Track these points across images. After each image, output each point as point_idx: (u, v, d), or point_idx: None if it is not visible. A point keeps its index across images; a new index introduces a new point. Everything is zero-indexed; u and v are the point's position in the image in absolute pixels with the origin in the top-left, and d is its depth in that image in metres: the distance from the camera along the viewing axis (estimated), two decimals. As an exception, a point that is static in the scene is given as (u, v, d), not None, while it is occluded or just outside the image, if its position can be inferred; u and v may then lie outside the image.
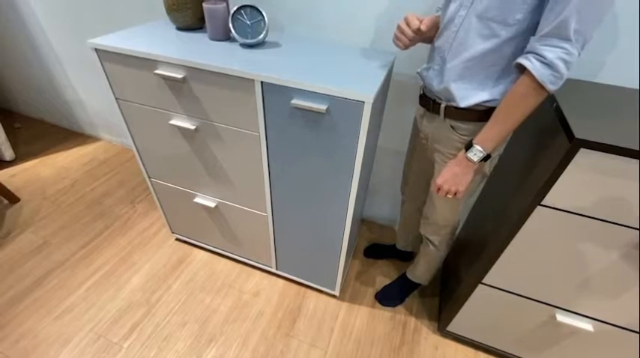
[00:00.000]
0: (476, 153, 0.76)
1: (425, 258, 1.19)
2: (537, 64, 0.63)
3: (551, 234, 0.79)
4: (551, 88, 0.64)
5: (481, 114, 0.78)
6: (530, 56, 0.64)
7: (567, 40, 0.60)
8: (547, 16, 0.61)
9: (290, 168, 0.98)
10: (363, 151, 0.84)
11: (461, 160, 0.80)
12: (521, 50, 0.68)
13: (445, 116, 0.83)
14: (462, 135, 0.83)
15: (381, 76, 0.85)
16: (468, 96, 0.77)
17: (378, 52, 1.01)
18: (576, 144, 0.64)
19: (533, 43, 0.64)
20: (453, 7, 0.74)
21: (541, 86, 0.64)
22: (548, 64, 0.62)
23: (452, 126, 0.83)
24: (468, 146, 0.77)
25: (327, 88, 0.77)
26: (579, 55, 0.61)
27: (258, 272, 1.43)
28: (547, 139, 0.77)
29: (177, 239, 1.54)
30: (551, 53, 0.61)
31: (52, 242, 1.48)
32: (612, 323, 0.88)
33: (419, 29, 0.77)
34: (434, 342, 1.23)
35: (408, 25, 0.78)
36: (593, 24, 0.59)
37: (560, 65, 0.61)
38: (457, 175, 0.82)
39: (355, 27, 1.12)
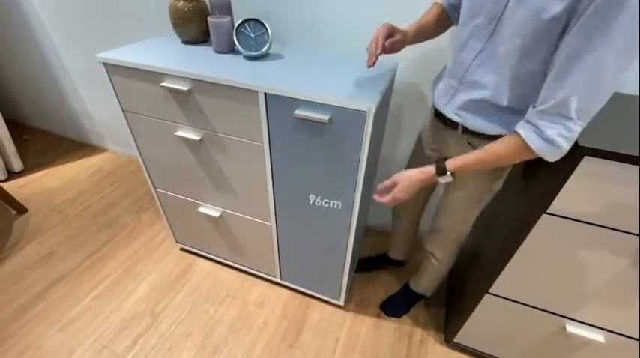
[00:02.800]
0: (446, 179, 0.75)
1: (428, 272, 1.18)
2: (535, 138, 0.61)
3: (558, 242, 0.78)
4: (551, 158, 0.62)
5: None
6: (529, 127, 0.62)
7: (569, 118, 0.57)
8: (546, 92, 0.59)
9: (294, 177, 0.98)
10: (366, 160, 0.85)
11: (428, 179, 0.77)
12: (533, 94, 0.64)
13: (463, 132, 0.80)
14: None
15: (382, 86, 0.86)
16: (481, 127, 0.75)
17: (380, 61, 1.02)
18: (580, 152, 0.64)
19: (533, 116, 0.61)
20: (464, 33, 0.72)
21: (540, 156, 0.63)
22: (547, 140, 0.60)
23: (469, 143, 0.81)
24: (441, 170, 0.75)
25: (330, 98, 0.78)
26: (583, 128, 0.59)
27: (262, 282, 1.42)
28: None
29: (181, 249, 1.54)
30: (551, 130, 0.59)
31: (58, 252, 1.49)
32: (623, 333, 0.86)
33: (384, 48, 0.76)
34: (441, 354, 1.21)
35: (375, 43, 0.75)
36: (597, 102, 0.56)
37: (561, 141, 0.59)
38: (414, 188, 0.80)
39: (357, 38, 1.14)
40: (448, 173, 0.74)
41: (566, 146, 0.60)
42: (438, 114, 0.87)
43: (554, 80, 0.57)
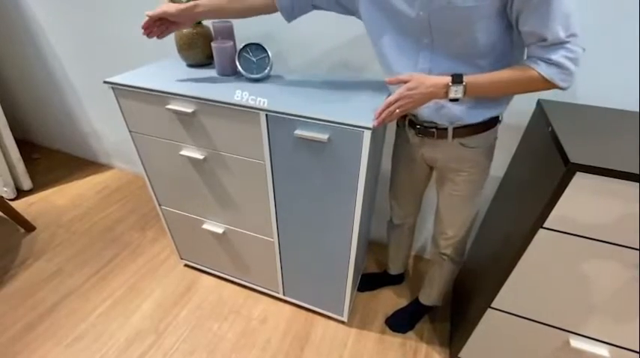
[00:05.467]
0: (458, 91, 0.71)
1: (441, 277, 1.17)
2: (544, 65, 0.66)
3: (557, 256, 0.79)
4: (562, 84, 0.67)
5: (489, 122, 0.82)
6: (534, 60, 0.67)
7: (565, 42, 0.64)
8: (531, 36, 0.66)
9: (295, 194, 1.00)
10: (365, 176, 0.87)
11: (440, 87, 0.72)
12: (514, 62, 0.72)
13: (454, 137, 0.84)
14: (472, 148, 0.85)
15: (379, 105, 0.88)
16: (475, 115, 0.80)
17: (378, 81, 1.06)
18: (572, 169, 0.65)
19: (534, 50, 0.67)
20: (408, 54, 0.78)
21: (552, 83, 0.67)
22: (555, 64, 0.65)
23: (462, 144, 0.85)
24: (457, 79, 0.70)
25: (328, 118, 0.81)
26: (583, 49, 0.65)
27: (266, 298, 1.42)
28: (545, 163, 0.79)
29: (185, 265, 1.56)
30: (555, 54, 0.65)
31: (65, 269, 1.52)
32: (628, 348, 0.85)
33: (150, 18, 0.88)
34: (446, 370, 1.19)
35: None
36: (575, 20, 0.63)
37: (567, 63, 0.65)
38: (425, 96, 0.73)
39: (356, 59, 1.18)
40: (463, 84, 0.70)
41: (573, 67, 0.65)
42: (422, 131, 0.89)
43: (532, 27, 0.64)
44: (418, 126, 0.89)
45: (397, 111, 0.75)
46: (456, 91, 0.71)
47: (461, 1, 0.65)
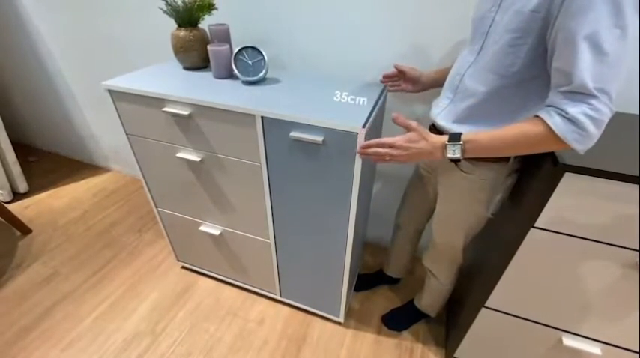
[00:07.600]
0: (456, 151, 0.67)
1: (429, 291, 1.19)
2: (558, 119, 0.57)
3: (548, 255, 0.80)
4: (575, 145, 0.57)
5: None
6: (550, 110, 0.59)
7: (592, 96, 0.54)
8: (558, 78, 0.58)
9: (291, 195, 1.01)
10: (359, 178, 0.88)
11: (437, 147, 0.69)
12: (523, 103, 0.69)
13: None
14: (463, 171, 0.84)
15: (373, 108, 0.89)
16: (458, 128, 0.78)
17: (371, 84, 1.07)
18: (561, 169, 0.66)
19: (554, 97, 0.59)
20: (464, 52, 0.80)
21: (564, 142, 0.58)
22: (571, 120, 0.56)
23: (457, 165, 0.84)
24: (454, 137, 0.67)
25: (322, 121, 0.82)
26: (611, 111, 0.55)
27: (263, 300, 1.43)
28: (536, 163, 0.80)
29: (182, 267, 1.56)
30: (574, 108, 0.55)
31: (62, 272, 1.51)
32: (620, 345, 0.86)
33: (397, 71, 0.98)
34: (442, 370, 1.20)
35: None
36: (610, 76, 0.54)
37: (586, 122, 0.55)
38: (419, 154, 0.71)
39: (349, 62, 1.19)
40: (460, 143, 0.66)
41: (593, 129, 0.55)
42: (431, 130, 0.91)
43: (561, 64, 0.57)
44: (430, 126, 0.90)
45: (387, 158, 0.73)
46: (454, 151, 0.67)
47: (521, 5, 0.62)
